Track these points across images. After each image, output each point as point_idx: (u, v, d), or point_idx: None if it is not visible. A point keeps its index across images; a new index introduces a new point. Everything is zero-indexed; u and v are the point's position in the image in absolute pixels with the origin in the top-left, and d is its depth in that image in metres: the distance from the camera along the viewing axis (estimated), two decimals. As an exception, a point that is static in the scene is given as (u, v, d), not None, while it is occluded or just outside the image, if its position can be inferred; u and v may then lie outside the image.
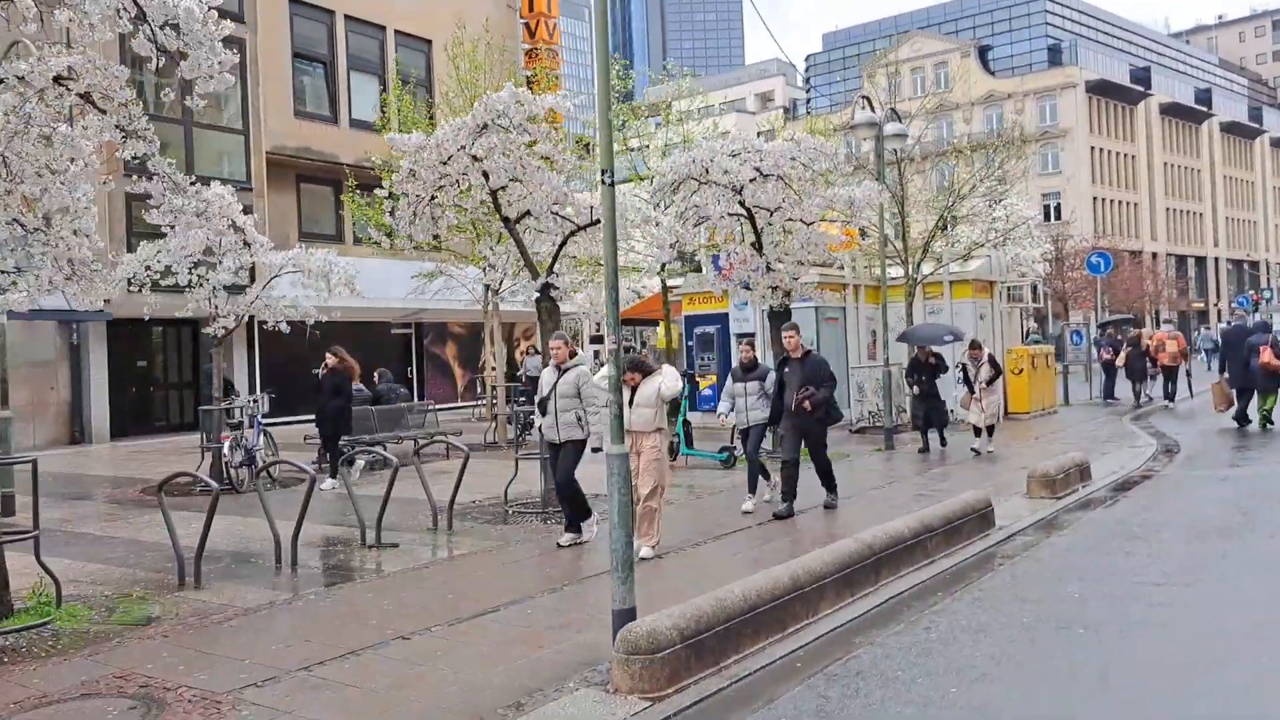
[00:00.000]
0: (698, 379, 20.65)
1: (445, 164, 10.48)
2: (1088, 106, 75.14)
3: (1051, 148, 75.43)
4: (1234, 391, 17.28)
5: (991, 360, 15.23)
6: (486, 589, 7.34)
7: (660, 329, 24.27)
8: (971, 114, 79.38)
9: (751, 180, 13.87)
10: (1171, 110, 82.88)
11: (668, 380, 8.47)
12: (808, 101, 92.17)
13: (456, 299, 24.04)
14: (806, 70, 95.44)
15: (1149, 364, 23.31)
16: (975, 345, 15.24)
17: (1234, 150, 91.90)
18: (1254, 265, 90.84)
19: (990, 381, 15.11)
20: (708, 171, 13.49)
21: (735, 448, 14.18)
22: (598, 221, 10.56)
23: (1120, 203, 77.49)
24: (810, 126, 32.03)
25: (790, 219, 14.59)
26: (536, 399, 9.24)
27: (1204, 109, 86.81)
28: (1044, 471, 10.89)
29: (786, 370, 10.45)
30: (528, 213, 10.66)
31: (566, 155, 10.89)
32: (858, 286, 20.54)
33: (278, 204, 23.64)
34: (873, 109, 17.72)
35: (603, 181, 5.65)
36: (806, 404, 9.98)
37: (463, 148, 10.30)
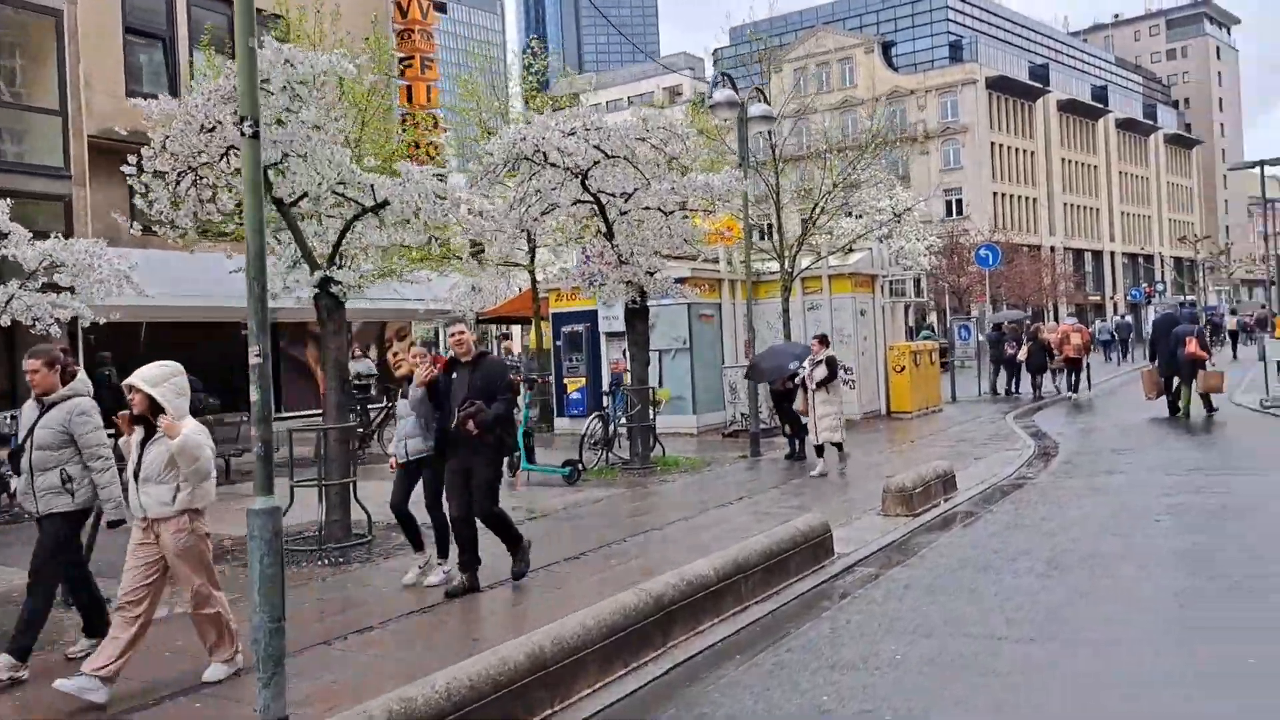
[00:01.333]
0: (547, 381, 19.28)
1: (208, 133, 8.87)
2: (988, 103, 75.80)
3: (953, 144, 76.05)
4: (1162, 380, 17.68)
5: (830, 361, 12.88)
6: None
7: (532, 329, 22.79)
8: (875, 110, 79.64)
9: (597, 163, 12.55)
10: (1069, 107, 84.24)
11: (179, 444, 5.37)
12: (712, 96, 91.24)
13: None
14: (714, 64, 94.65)
15: (1049, 357, 23.34)
16: (821, 340, 13.31)
17: (1129, 147, 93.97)
18: (1148, 259, 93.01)
19: (824, 384, 12.76)
20: (545, 154, 12.09)
21: (580, 461, 12.82)
22: (386, 203, 9.07)
23: (1020, 198, 78.43)
24: (697, 117, 30.82)
25: (647, 207, 13.35)
26: (8, 451, 6.78)
27: (1101, 106, 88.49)
28: (900, 486, 9.73)
29: (454, 377, 7.36)
30: (305, 194, 9.10)
31: (345, 125, 9.35)
32: (735, 282, 19.34)
33: (105, 193, 21.49)
34: (766, 101, 16.51)
35: (241, 132, 4.22)
36: (470, 424, 7.05)
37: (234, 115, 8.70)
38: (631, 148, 12.46)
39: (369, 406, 17.32)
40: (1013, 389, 25.31)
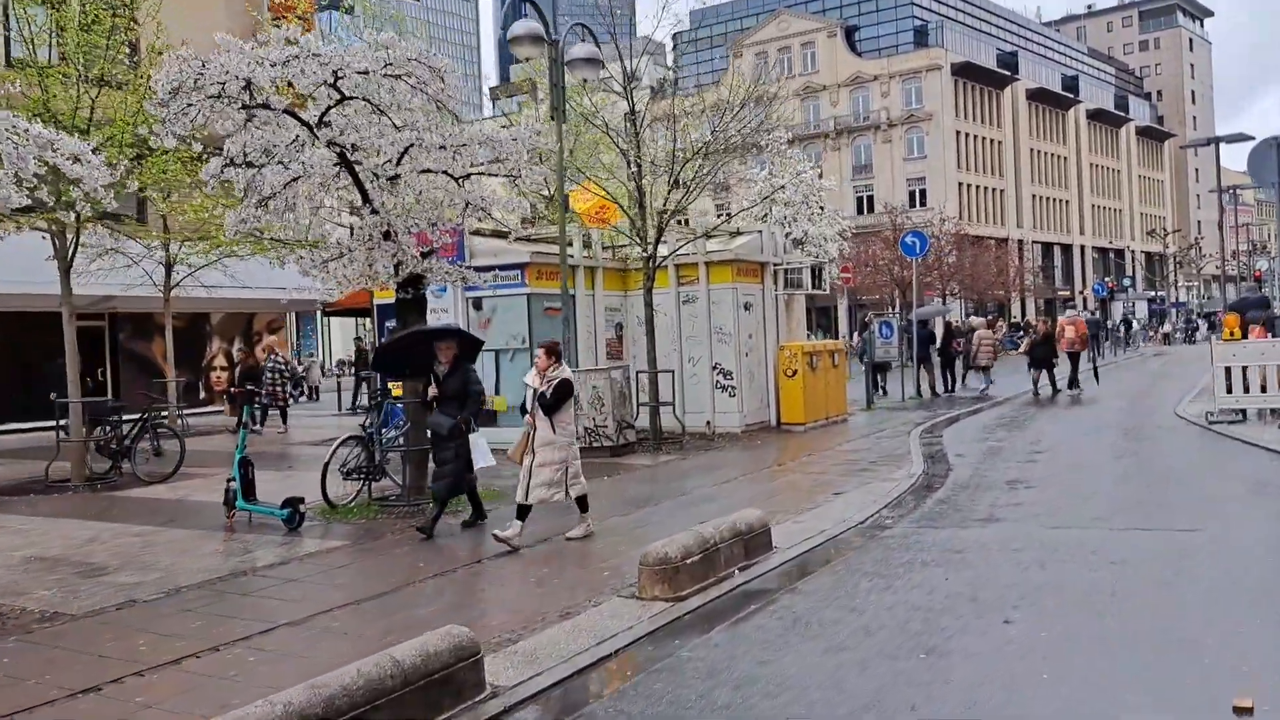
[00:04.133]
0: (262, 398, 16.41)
1: None
2: (954, 90, 73.11)
3: (917, 132, 73.31)
4: None
5: (562, 386, 8.54)
6: None
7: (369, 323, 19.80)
8: (838, 95, 76.83)
9: (333, 106, 9.60)
10: (1038, 96, 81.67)
11: None
12: (675, 81, 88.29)
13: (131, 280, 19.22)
14: (674, 48, 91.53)
15: (1051, 352, 22.32)
16: (550, 350, 8.77)
17: (1100, 138, 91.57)
18: (1119, 254, 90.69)
19: (553, 413, 8.46)
20: (246, 86, 9.08)
21: (303, 500, 9.82)
22: None
23: (987, 189, 75.82)
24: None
25: (427, 170, 10.41)
26: None
27: (1071, 96, 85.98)
28: (662, 557, 6.78)
29: None
30: None
31: None
32: (592, 270, 16.36)
33: None
34: (598, 44, 13.52)
35: None
36: None
37: None
38: (382, 87, 9.49)
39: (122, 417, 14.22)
40: (947, 388, 22.80)
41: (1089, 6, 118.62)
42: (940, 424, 17.39)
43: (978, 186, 74.75)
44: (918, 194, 71.42)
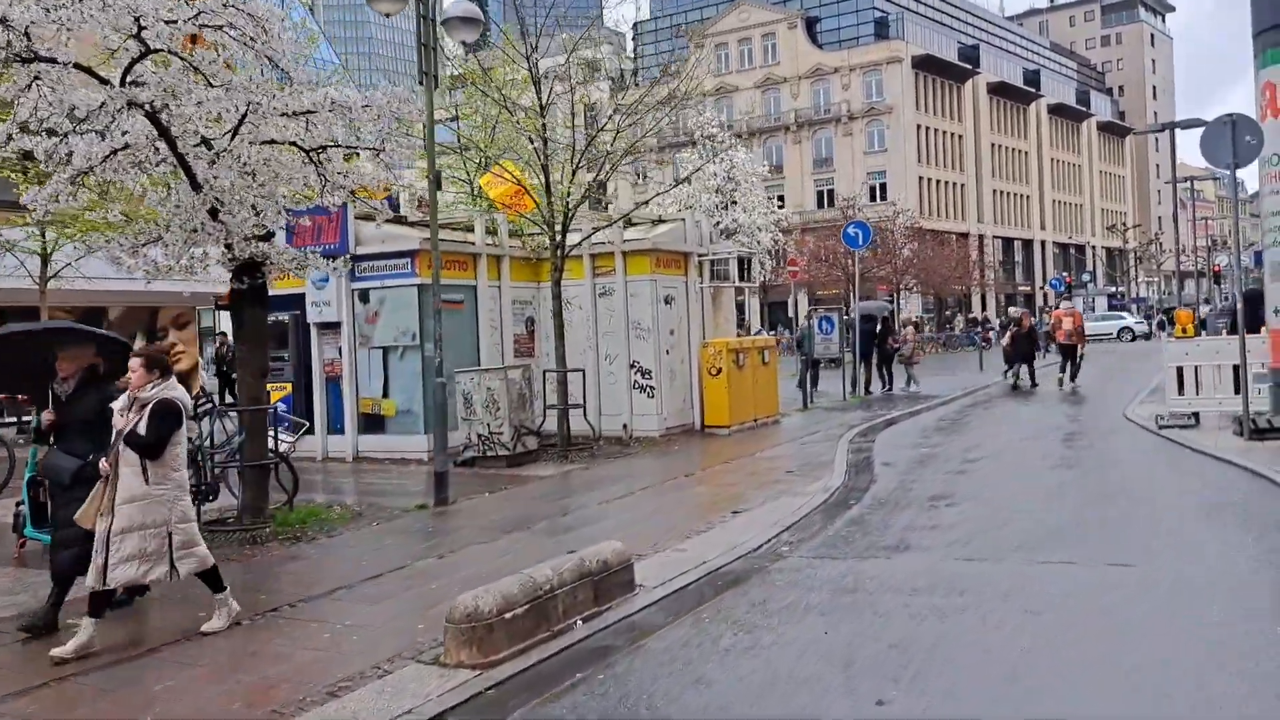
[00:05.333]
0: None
1: None
2: (914, 83, 72.25)
3: (877, 125, 72.38)
4: None
5: (163, 409, 6.00)
6: None
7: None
8: (799, 88, 75.70)
9: (140, 59, 8.17)
10: (999, 90, 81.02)
11: None
12: (635, 72, 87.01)
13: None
14: (634, 37, 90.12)
15: (1035, 346, 22.45)
16: (149, 360, 6.17)
17: (1062, 133, 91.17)
18: (1080, 249, 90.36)
19: (149, 450, 5.92)
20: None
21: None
22: None
23: (947, 183, 75.08)
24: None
25: (271, 141, 9.04)
26: None
27: (1032, 90, 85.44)
28: (470, 611, 5.44)
29: None
30: None
31: None
32: (498, 258, 14.97)
33: None
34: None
35: None
36: None
37: None
38: (178, 40, 8.06)
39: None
40: (887, 386, 21.71)
41: (1051, 1, 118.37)
42: (878, 426, 16.18)
43: (938, 181, 73.98)
44: (878, 188, 70.47)
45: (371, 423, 13.99)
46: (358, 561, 7.83)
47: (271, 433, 9.65)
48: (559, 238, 13.96)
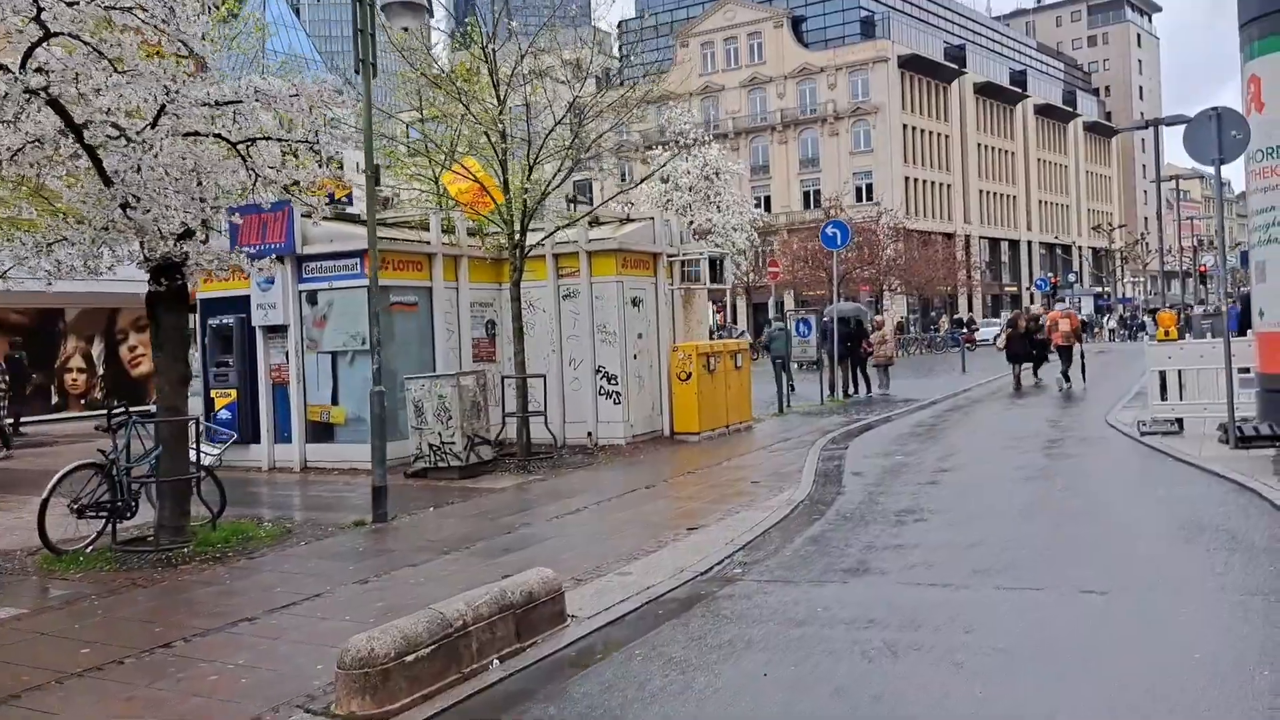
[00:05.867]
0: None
1: None
2: (900, 82, 71.83)
3: (863, 125, 71.93)
4: None
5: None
6: None
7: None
8: (785, 87, 75.15)
9: (39, 43, 7.55)
10: (986, 90, 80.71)
11: None
12: (620, 70, 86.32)
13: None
14: (620, 36, 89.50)
15: (1031, 345, 22.35)
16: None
17: (1048, 133, 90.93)
18: (1066, 250, 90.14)
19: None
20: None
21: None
22: None
23: (934, 184, 74.69)
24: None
25: (195, 134, 8.44)
26: None
27: (1019, 90, 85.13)
28: (364, 655, 4.83)
29: None
30: None
31: None
32: (455, 259, 14.36)
33: None
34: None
35: None
36: None
37: None
38: (82, 24, 7.44)
39: None
40: (858, 389, 21.22)
41: (1038, 1, 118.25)
42: (853, 432, 15.66)
43: (925, 181, 73.60)
44: (864, 188, 70.05)
45: (320, 431, 13.37)
46: (272, 588, 7.22)
47: (194, 445, 9.01)
48: (517, 237, 13.37)
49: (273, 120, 8.93)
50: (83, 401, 23.23)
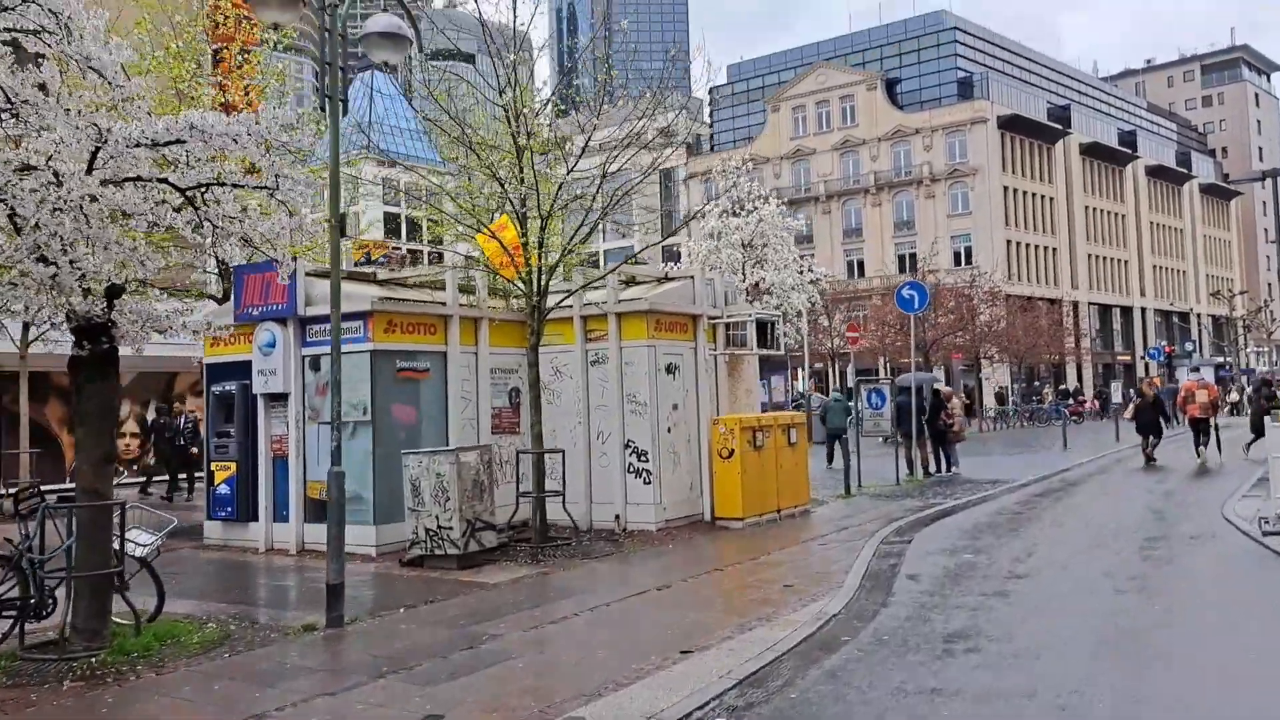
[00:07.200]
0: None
1: None
2: (1000, 143, 69.43)
3: (961, 187, 69.62)
4: None
5: None
6: None
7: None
8: (879, 149, 73.45)
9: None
10: (1093, 150, 77.55)
11: None
12: (711, 137, 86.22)
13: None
14: (711, 104, 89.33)
15: (1163, 416, 21.45)
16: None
17: (1161, 196, 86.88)
18: (1183, 316, 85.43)
19: None
20: None
21: None
22: None
23: (1037, 247, 71.60)
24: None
25: (137, 179, 7.54)
26: None
27: (1128, 151, 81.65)
28: None
29: None
30: None
31: None
32: (474, 321, 13.19)
33: None
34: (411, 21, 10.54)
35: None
36: None
37: None
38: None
39: None
40: (942, 467, 19.33)
41: (1148, 61, 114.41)
42: (925, 520, 13.84)
43: (1027, 244, 70.60)
44: (962, 251, 67.54)
45: (319, 510, 12.12)
46: (143, 724, 5.92)
47: (120, 533, 7.85)
48: (535, 299, 12.13)
49: (236, 165, 7.93)
50: (135, 467, 22.73)
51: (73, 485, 21.89)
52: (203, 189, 7.77)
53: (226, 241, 8.09)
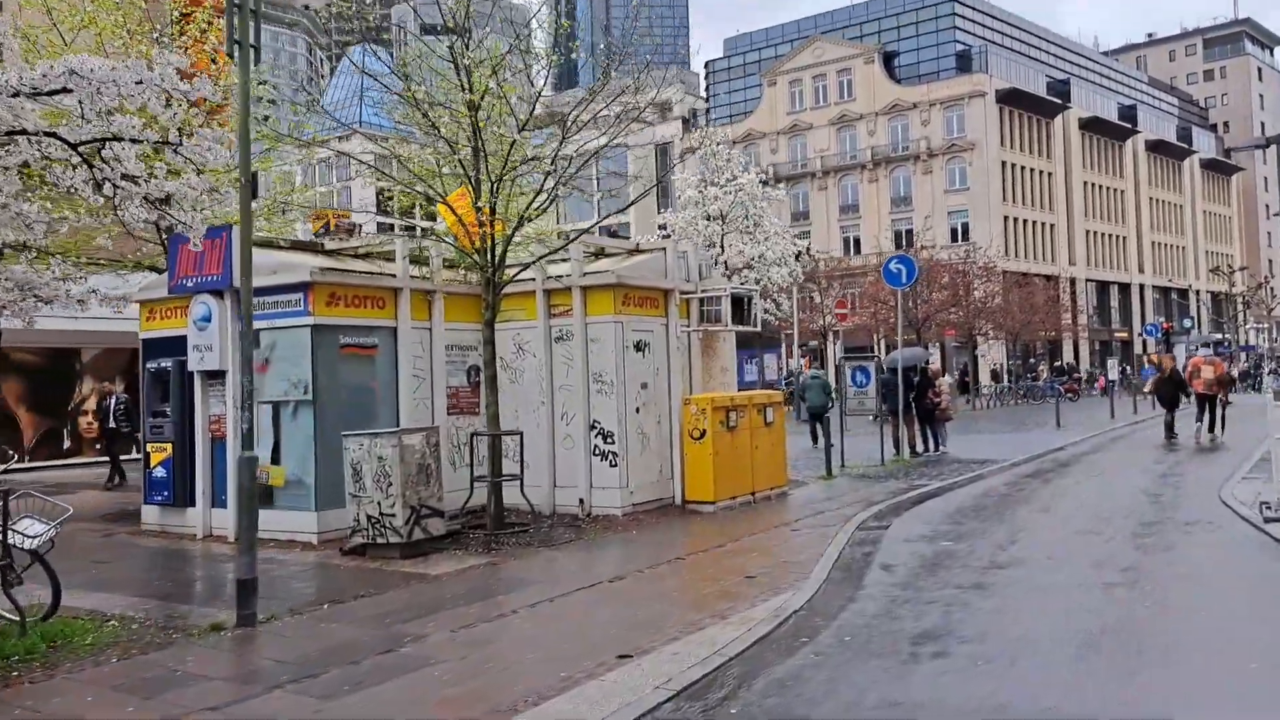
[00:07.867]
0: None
1: None
2: (998, 117, 68.35)
3: (958, 162, 68.62)
4: None
5: None
6: None
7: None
8: (876, 124, 72.36)
9: None
10: (1092, 125, 76.43)
11: None
12: (707, 111, 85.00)
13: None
14: (707, 77, 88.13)
15: (1181, 391, 21.21)
16: None
17: (1161, 171, 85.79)
18: (1182, 293, 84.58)
19: None
20: None
21: None
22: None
23: (1035, 223, 70.66)
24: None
25: (20, 132, 6.76)
26: None
27: (1129, 126, 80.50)
28: None
29: None
30: None
31: None
32: (428, 295, 12.39)
33: None
34: None
35: None
36: None
37: None
38: None
39: None
40: (930, 447, 18.59)
41: (1149, 35, 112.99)
42: (905, 503, 13.11)
43: (1025, 220, 69.66)
44: (959, 228, 66.61)
45: (259, 494, 11.44)
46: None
47: (3, 524, 7.11)
48: (490, 270, 11.35)
49: (137, 120, 7.13)
50: (97, 447, 21.94)
51: (31, 464, 21.08)
52: (99, 144, 7.02)
53: (130, 203, 7.33)
